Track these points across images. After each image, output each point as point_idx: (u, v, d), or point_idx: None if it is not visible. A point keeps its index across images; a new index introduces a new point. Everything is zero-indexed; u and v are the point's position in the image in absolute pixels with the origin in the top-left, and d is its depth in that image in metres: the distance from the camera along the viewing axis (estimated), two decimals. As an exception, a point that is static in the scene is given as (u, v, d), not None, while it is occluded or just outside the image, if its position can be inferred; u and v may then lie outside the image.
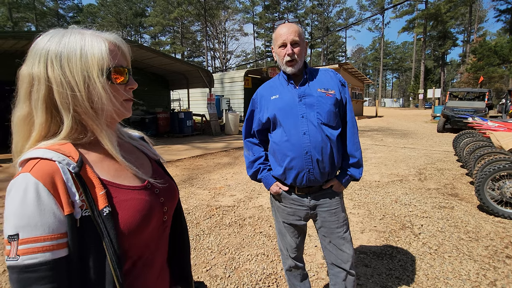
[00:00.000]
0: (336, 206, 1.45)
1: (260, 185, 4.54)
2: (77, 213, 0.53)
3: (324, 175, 1.39)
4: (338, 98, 1.38)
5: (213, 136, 11.08)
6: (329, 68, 1.45)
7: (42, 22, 41.20)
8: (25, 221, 0.49)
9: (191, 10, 37.81)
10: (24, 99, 0.57)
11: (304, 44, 1.38)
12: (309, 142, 1.34)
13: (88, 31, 0.60)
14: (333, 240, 1.46)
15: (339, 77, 1.46)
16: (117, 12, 45.46)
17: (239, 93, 16.48)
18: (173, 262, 0.81)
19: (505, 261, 2.36)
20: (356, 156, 1.41)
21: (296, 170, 1.38)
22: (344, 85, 1.44)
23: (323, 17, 49.80)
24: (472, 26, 39.96)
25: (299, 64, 1.36)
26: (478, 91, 13.39)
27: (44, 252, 0.49)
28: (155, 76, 12.60)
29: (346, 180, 1.45)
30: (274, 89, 1.46)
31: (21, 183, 0.50)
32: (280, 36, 1.35)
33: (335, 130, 1.37)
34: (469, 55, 32.95)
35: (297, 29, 1.34)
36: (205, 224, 3.13)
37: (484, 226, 3.00)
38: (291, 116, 1.37)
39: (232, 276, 2.21)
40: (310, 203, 1.44)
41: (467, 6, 36.02)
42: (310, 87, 1.39)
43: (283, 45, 1.35)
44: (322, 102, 1.35)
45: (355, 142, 1.41)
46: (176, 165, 6.09)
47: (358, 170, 1.44)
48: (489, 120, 5.27)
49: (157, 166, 0.77)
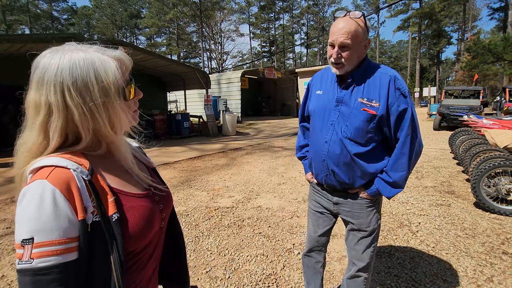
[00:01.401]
0: (358, 210, 1.40)
1: (258, 185, 4.55)
2: (89, 218, 0.55)
3: (343, 184, 1.35)
4: (379, 114, 1.21)
5: (211, 137, 11.07)
6: (393, 71, 1.24)
7: (36, 24, 40.93)
8: (41, 226, 0.50)
9: (186, 11, 37.75)
10: (40, 128, 0.57)
11: (359, 46, 1.21)
12: (327, 152, 1.31)
13: (90, 48, 0.60)
14: (351, 240, 1.48)
15: (399, 84, 1.21)
16: (112, 14, 45.23)
17: (236, 93, 16.48)
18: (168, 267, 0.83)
19: (502, 257, 2.39)
20: (391, 176, 1.27)
21: (316, 170, 1.43)
22: (404, 95, 1.21)
23: (318, 17, 49.94)
24: (466, 25, 40.29)
25: (346, 68, 1.23)
26: (473, 89, 13.53)
27: (57, 256, 0.51)
28: (151, 78, 12.56)
29: (374, 193, 1.34)
30: (323, 83, 1.40)
31: (37, 189, 0.52)
32: (331, 33, 1.22)
33: (362, 147, 1.26)
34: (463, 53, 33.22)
35: (354, 28, 1.17)
36: (204, 226, 3.13)
37: (480, 223, 3.04)
38: (322, 120, 1.34)
39: (232, 277, 2.21)
40: (334, 200, 1.46)
41: (461, 4, 36.30)
42: (353, 94, 1.26)
43: (332, 45, 1.23)
44: (354, 116, 1.24)
45: (398, 163, 1.25)
46: (174, 167, 6.08)
47: (389, 189, 1.30)
48: (484, 118, 5.33)
49: (153, 174, 0.80)
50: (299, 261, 2.41)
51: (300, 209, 3.53)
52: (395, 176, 1.26)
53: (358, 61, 1.25)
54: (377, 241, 1.50)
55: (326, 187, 1.45)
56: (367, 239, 1.43)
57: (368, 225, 1.41)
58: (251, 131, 12.63)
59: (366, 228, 1.41)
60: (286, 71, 20.84)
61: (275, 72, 18.47)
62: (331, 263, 2.36)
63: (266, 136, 10.79)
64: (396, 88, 1.21)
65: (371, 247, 1.45)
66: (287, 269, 2.30)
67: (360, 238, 1.44)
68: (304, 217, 3.30)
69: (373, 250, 1.46)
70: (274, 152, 7.53)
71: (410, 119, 1.20)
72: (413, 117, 1.21)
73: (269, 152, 7.56)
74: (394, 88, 1.21)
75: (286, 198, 3.95)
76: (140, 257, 0.65)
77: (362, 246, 1.44)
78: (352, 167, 1.30)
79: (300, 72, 19.34)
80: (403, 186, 1.29)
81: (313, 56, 57.33)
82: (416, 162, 1.31)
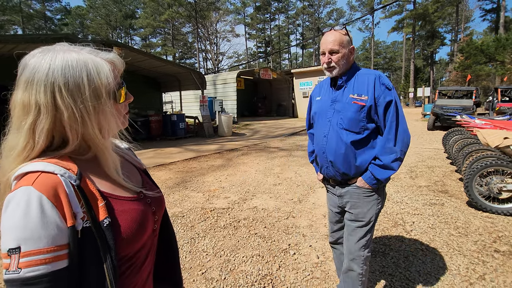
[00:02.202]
0: (356, 199, 1.53)
1: (254, 186, 4.56)
2: (79, 224, 0.54)
3: (341, 174, 1.52)
4: (367, 104, 1.41)
5: (207, 138, 11.04)
6: (377, 71, 1.50)
7: (29, 24, 40.43)
8: (28, 234, 0.48)
9: (181, 11, 37.61)
10: (28, 129, 0.55)
11: (346, 50, 1.45)
12: (326, 144, 1.52)
13: (82, 50, 0.59)
14: (346, 230, 1.61)
15: (383, 80, 1.44)
16: (107, 14, 44.86)
17: (232, 94, 16.47)
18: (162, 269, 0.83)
19: (493, 255, 2.43)
20: (382, 160, 1.43)
21: (319, 164, 1.64)
22: (388, 88, 1.43)
23: (314, 18, 50.14)
24: (459, 26, 40.80)
25: (338, 69, 1.46)
26: (466, 89, 13.70)
27: (46, 264, 0.49)
28: (146, 79, 12.48)
29: (369, 178, 1.47)
30: (321, 90, 1.65)
31: (23, 196, 0.50)
32: (322, 44, 1.49)
33: (357, 134, 1.45)
34: (457, 54, 33.64)
35: (338, 38, 1.43)
36: (200, 227, 3.13)
37: (473, 222, 3.08)
38: (321, 119, 1.57)
39: (227, 278, 2.21)
40: (337, 192, 1.62)
41: (454, 6, 36.76)
42: (344, 92, 1.49)
43: (323, 53, 1.48)
44: (347, 109, 1.45)
45: (386, 147, 1.43)
46: (169, 168, 6.05)
47: (381, 171, 1.44)
48: (476, 118, 5.40)
49: (144, 176, 0.79)
50: (295, 261, 2.43)
51: (295, 210, 3.55)
52: (385, 160, 1.42)
53: (347, 64, 1.48)
54: (372, 233, 1.57)
55: (330, 181, 1.63)
56: (362, 229, 1.53)
57: (364, 215, 1.52)
58: (247, 132, 12.63)
59: (361, 218, 1.52)
60: (281, 72, 20.87)
61: (271, 73, 18.50)
62: (326, 263, 2.38)
63: (262, 137, 10.80)
64: (381, 84, 1.43)
65: (364, 239, 1.52)
66: (282, 270, 2.31)
67: (354, 228, 1.55)
68: (300, 217, 3.31)
69: (366, 242, 1.53)
70: (270, 152, 7.54)
71: (394, 108, 1.41)
72: (397, 107, 1.42)
73: (265, 152, 7.57)
74: (380, 84, 1.43)
75: (282, 199, 3.96)
76: (134, 261, 0.64)
77: (355, 236, 1.54)
78: (347, 156, 1.46)
79: (295, 73, 19.39)
80: (395, 168, 1.43)
81: (309, 56, 57.53)
82: (406, 149, 1.45)
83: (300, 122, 15.69)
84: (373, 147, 1.48)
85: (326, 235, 2.86)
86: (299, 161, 6.37)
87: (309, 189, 4.37)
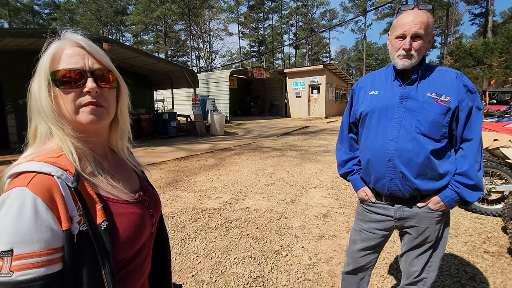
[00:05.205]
0: (427, 225, 1.23)
1: (246, 186, 4.52)
2: (75, 228, 0.53)
3: (412, 190, 1.21)
4: (452, 107, 1.15)
5: (199, 137, 10.94)
6: (453, 69, 1.24)
7: (16, 18, 39.29)
8: (21, 237, 0.47)
9: (174, 8, 37.17)
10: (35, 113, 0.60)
11: (429, 38, 1.18)
12: (395, 150, 1.20)
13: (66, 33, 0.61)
14: (408, 256, 1.33)
15: (465, 81, 1.19)
16: (97, 10, 43.96)
17: (225, 93, 16.37)
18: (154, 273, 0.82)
19: (483, 256, 2.45)
20: (472, 178, 1.15)
21: (376, 175, 1.27)
22: (471, 91, 1.17)
23: (307, 18, 50.31)
24: (448, 29, 41.62)
25: (415, 60, 1.17)
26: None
27: (39, 268, 0.48)
28: (137, 76, 12.28)
29: (451, 199, 1.19)
30: (376, 83, 1.34)
31: (17, 197, 0.49)
32: (401, 26, 1.16)
33: (437, 143, 1.18)
34: (446, 57, 34.29)
35: (426, 20, 1.14)
36: (191, 228, 3.07)
37: (463, 223, 3.12)
38: (383, 119, 1.24)
39: (218, 281, 2.17)
40: (396, 213, 1.28)
41: (444, 9, 37.46)
42: (418, 88, 1.20)
43: (402, 36, 1.17)
44: (426, 109, 1.17)
45: (475, 162, 1.16)
46: (161, 167, 5.96)
47: (472, 193, 1.17)
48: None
49: (142, 178, 0.78)
50: (287, 263, 2.40)
51: (288, 210, 3.52)
52: (476, 178, 1.15)
53: (422, 56, 1.20)
54: (443, 253, 1.31)
55: (387, 198, 1.29)
56: (430, 252, 1.27)
57: (432, 240, 1.26)
58: (239, 131, 12.57)
59: (430, 244, 1.26)
60: (275, 71, 20.87)
61: (264, 72, 18.47)
62: (318, 264, 2.36)
63: (254, 136, 10.76)
64: (464, 85, 1.18)
65: (436, 260, 1.28)
66: (274, 271, 2.28)
67: (422, 252, 1.28)
68: (292, 218, 3.29)
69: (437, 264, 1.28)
70: (262, 152, 7.51)
71: (479, 116, 1.17)
72: (481, 115, 1.18)
73: (257, 152, 7.54)
74: (462, 85, 1.18)
75: (274, 199, 3.94)
76: (131, 264, 0.62)
77: (416, 265, 1.29)
78: (425, 168, 1.17)
79: (289, 73, 19.41)
80: (482, 189, 1.18)
81: (302, 57, 57.76)
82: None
83: (293, 122, 15.72)
84: (449, 161, 1.20)
85: (319, 236, 2.84)
86: (292, 161, 6.36)
87: (302, 189, 4.35)
